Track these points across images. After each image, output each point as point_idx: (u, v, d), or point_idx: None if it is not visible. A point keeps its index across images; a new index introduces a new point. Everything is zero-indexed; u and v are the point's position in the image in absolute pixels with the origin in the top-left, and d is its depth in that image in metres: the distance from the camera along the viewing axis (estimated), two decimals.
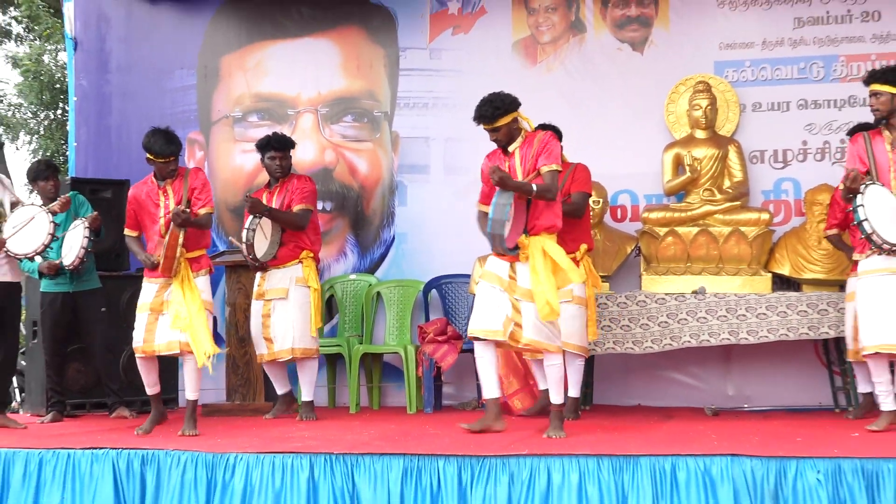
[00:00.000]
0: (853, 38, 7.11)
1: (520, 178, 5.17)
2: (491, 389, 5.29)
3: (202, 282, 5.90)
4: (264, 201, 6.43)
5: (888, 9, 7.01)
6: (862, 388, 5.94)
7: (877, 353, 5.11)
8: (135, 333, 5.82)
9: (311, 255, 6.48)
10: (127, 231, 6.01)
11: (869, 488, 3.98)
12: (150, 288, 5.81)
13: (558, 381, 5.19)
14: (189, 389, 5.80)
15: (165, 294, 5.77)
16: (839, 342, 6.31)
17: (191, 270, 5.81)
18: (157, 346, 5.73)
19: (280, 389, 6.51)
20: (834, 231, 6.16)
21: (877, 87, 5.12)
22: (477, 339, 5.20)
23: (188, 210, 5.69)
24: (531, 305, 5.07)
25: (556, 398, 5.18)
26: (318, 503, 4.44)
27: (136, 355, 5.83)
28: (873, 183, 5.01)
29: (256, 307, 6.44)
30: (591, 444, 4.75)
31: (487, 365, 5.27)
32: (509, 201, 4.90)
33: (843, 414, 6.12)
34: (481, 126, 5.26)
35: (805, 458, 4.12)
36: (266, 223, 6.28)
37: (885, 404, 5.08)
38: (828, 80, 7.10)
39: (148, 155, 5.76)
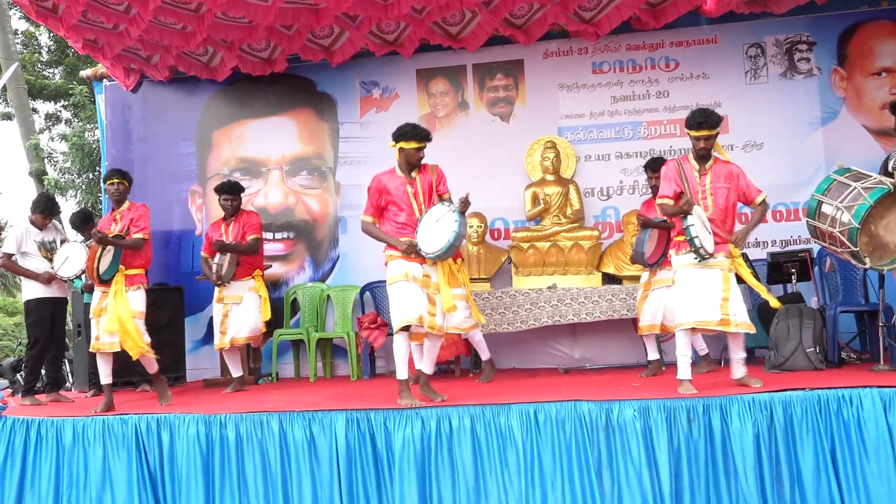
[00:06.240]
0: (651, 110, 7.15)
1: (420, 194, 4.77)
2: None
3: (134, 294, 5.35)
4: (222, 232, 6.19)
5: (674, 89, 7.10)
6: (651, 356, 5.68)
7: (693, 329, 4.55)
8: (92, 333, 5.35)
9: (261, 272, 6.24)
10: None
11: (668, 420, 4.11)
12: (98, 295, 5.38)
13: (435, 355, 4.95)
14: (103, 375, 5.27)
15: (104, 302, 5.30)
16: None
17: (124, 285, 5.28)
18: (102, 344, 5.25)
19: (235, 373, 6.08)
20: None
21: (707, 132, 4.48)
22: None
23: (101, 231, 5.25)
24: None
25: (428, 369, 4.86)
26: (287, 447, 4.40)
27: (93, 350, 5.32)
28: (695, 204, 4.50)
29: (217, 308, 6.09)
30: (477, 396, 4.78)
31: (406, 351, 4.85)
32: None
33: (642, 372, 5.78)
34: (416, 144, 4.78)
35: (625, 401, 4.20)
36: (227, 256, 6.04)
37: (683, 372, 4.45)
38: (635, 139, 7.13)
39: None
